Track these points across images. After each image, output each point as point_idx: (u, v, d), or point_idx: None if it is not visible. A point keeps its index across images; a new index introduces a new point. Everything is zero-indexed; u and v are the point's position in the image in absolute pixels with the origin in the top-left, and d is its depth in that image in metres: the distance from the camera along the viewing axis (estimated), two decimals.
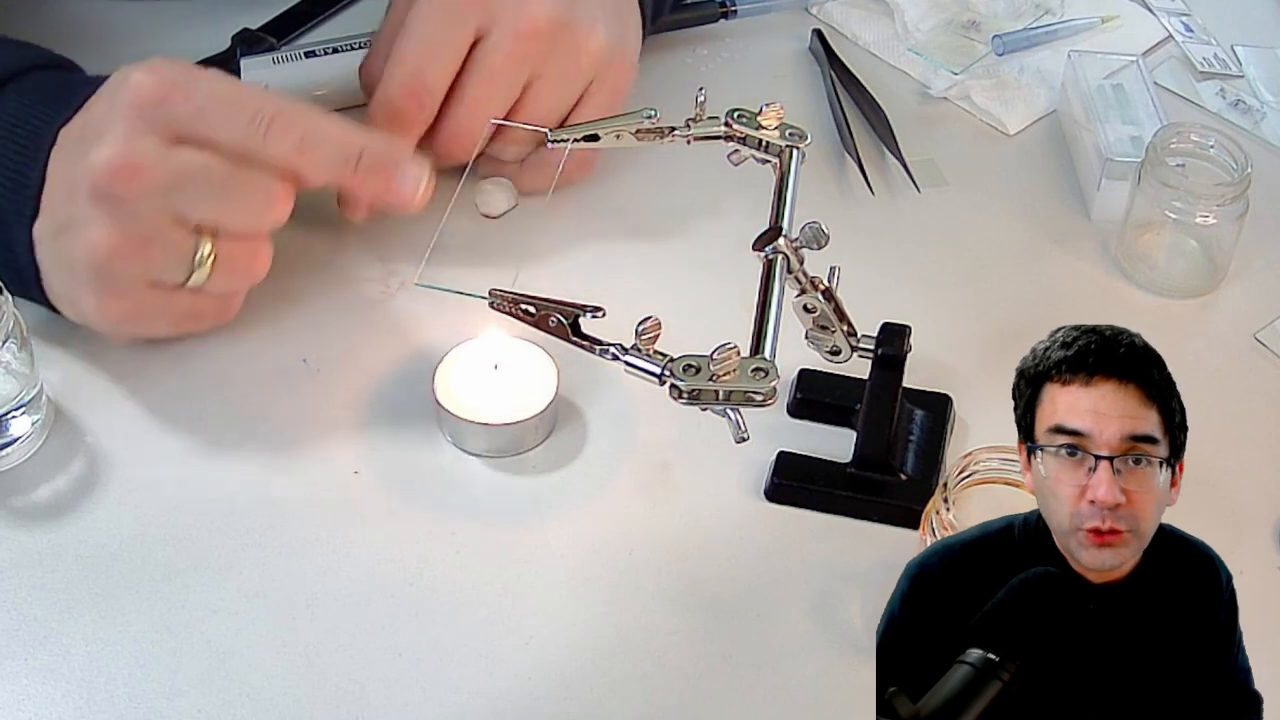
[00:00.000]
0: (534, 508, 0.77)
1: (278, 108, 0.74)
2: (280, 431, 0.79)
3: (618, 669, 0.70)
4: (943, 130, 0.99)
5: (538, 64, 0.83)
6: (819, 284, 0.72)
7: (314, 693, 0.69)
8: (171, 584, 0.73)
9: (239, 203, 0.74)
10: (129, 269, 0.74)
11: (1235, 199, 0.85)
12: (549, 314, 0.70)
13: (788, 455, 0.78)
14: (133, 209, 0.72)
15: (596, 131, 0.81)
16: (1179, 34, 1.06)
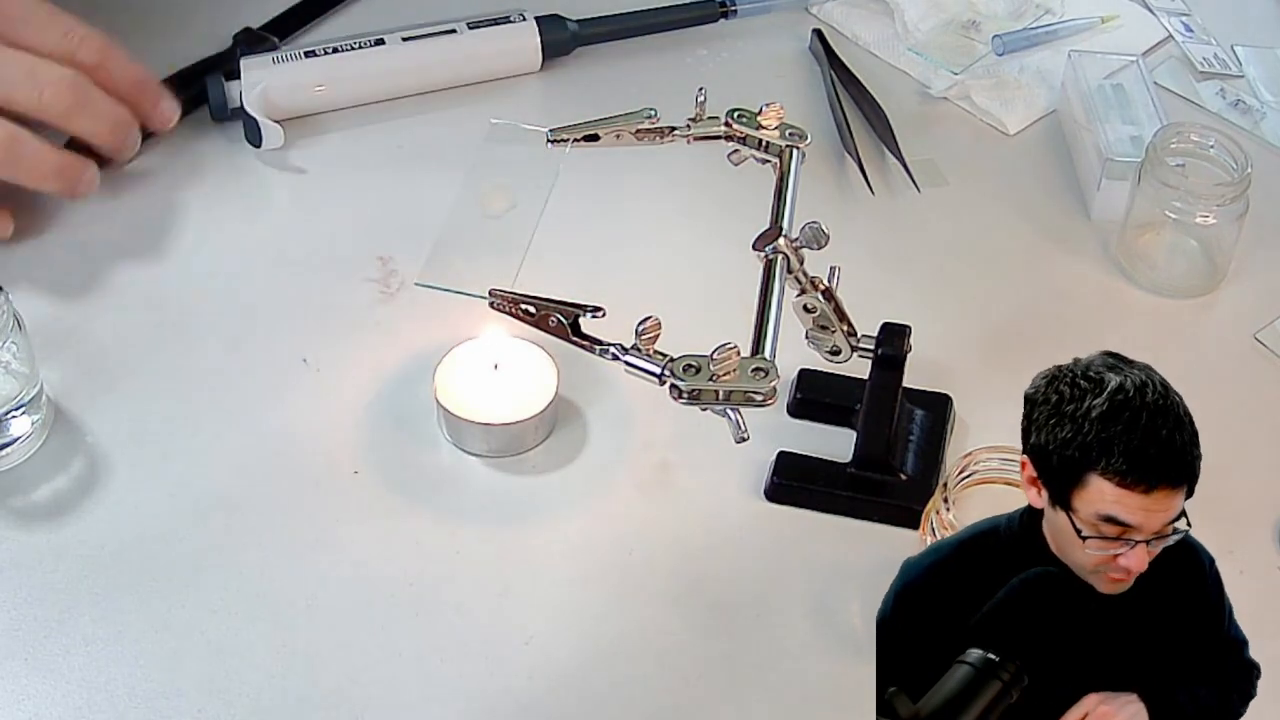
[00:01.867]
0: (534, 508, 0.77)
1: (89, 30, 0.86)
2: (280, 431, 0.79)
3: (618, 669, 0.70)
4: (943, 130, 0.99)
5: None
6: (819, 284, 0.72)
7: (314, 693, 0.69)
8: (171, 584, 0.73)
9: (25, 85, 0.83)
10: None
11: (1235, 199, 0.85)
12: (549, 314, 0.70)
13: (788, 455, 0.78)
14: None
15: (596, 131, 0.81)
16: (1179, 34, 1.06)
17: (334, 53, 0.96)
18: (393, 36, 0.97)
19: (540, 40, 1.00)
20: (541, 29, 1.00)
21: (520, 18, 1.00)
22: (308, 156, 0.94)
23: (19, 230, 0.88)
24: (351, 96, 0.97)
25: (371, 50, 0.96)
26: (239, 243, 0.89)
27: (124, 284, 0.86)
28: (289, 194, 0.93)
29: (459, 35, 0.98)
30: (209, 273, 0.88)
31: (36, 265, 0.87)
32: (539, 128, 0.84)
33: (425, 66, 0.98)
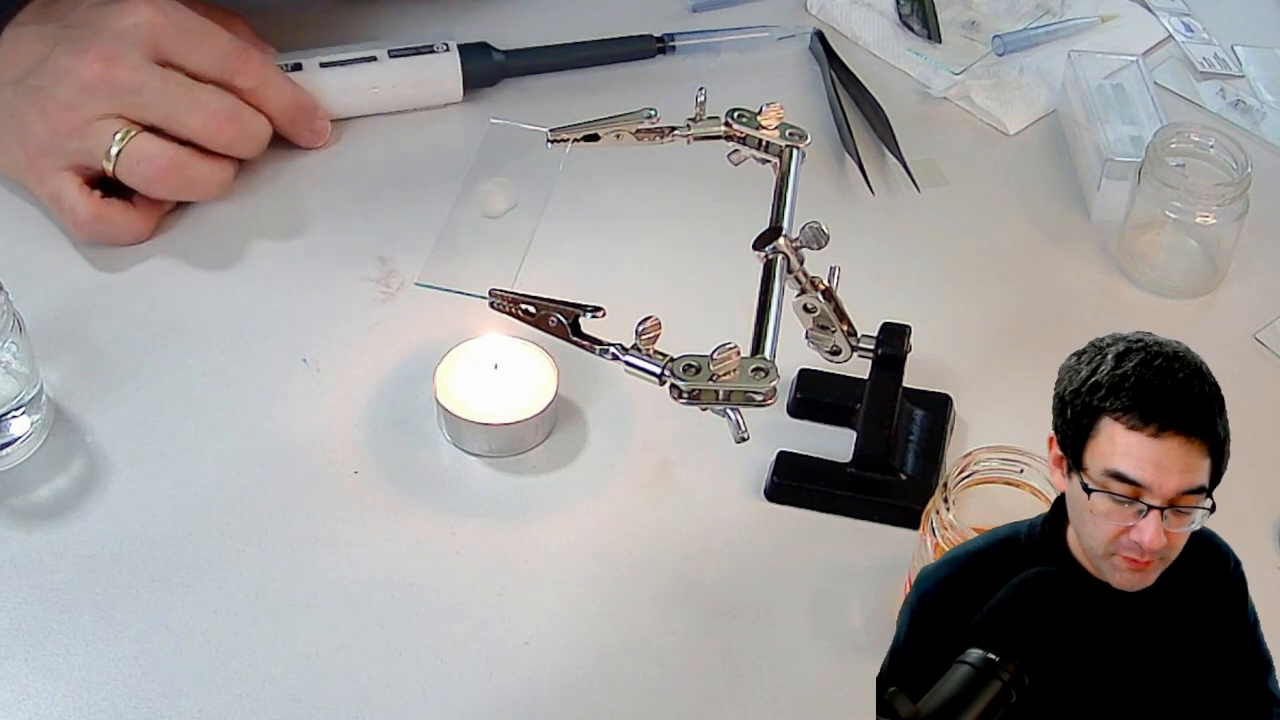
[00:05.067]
0: (534, 508, 0.77)
1: (249, 52, 0.88)
2: (280, 431, 0.79)
3: (618, 669, 0.70)
4: (943, 130, 0.99)
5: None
6: (819, 284, 0.72)
7: (314, 693, 0.69)
8: (171, 584, 0.73)
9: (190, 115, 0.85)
10: (64, 143, 0.84)
11: (1235, 199, 0.85)
12: (549, 314, 0.70)
13: (788, 455, 0.78)
14: (92, 96, 0.83)
15: (596, 131, 0.81)
16: (1179, 34, 1.06)
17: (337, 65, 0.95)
18: (311, 61, 0.95)
19: (462, 70, 0.97)
20: (464, 58, 0.97)
21: (444, 47, 0.97)
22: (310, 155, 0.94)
23: (19, 230, 0.88)
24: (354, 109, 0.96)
25: (289, 75, 0.93)
26: (238, 243, 0.89)
27: (124, 284, 0.86)
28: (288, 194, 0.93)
29: (379, 63, 0.96)
30: (209, 272, 0.88)
31: (37, 265, 0.87)
32: (539, 128, 0.84)
33: (340, 93, 0.95)
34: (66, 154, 0.85)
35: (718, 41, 1.03)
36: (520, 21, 1.03)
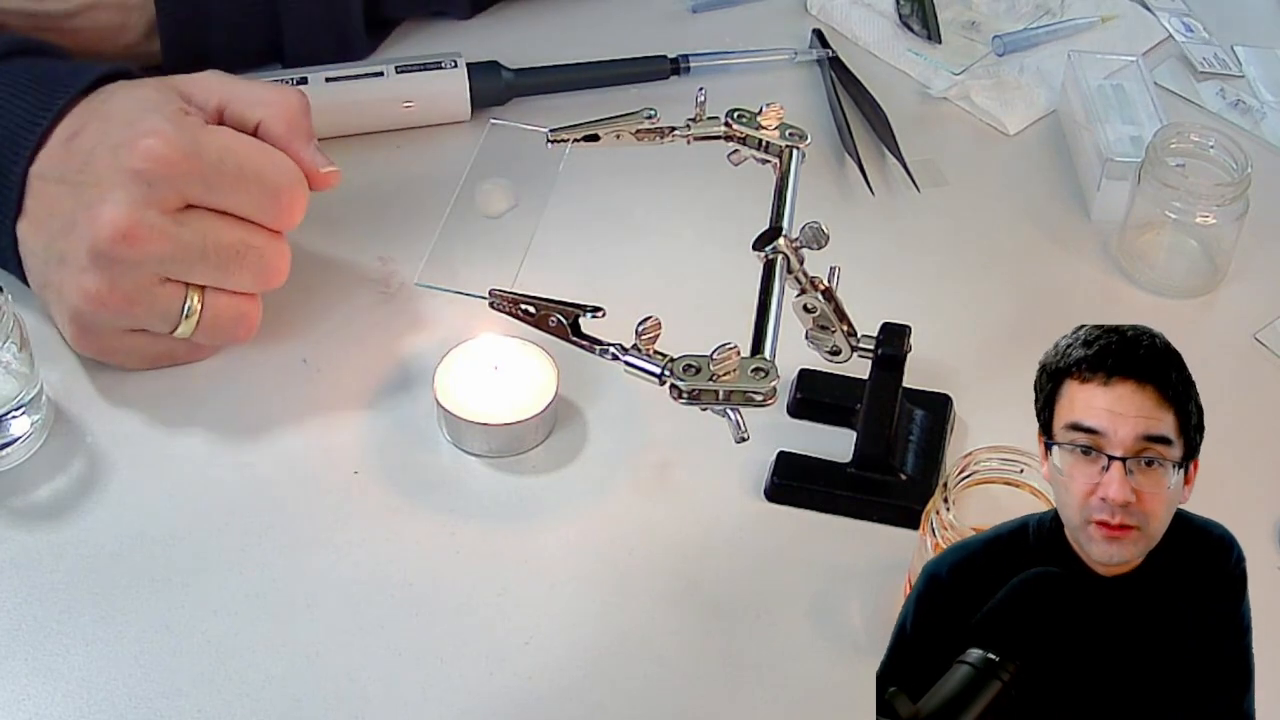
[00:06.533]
0: (534, 508, 0.77)
1: (286, 177, 0.77)
2: (280, 431, 0.79)
3: (618, 669, 0.70)
4: (943, 130, 0.99)
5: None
6: (819, 284, 0.72)
7: (314, 693, 0.69)
8: (171, 584, 0.73)
9: (238, 272, 0.77)
10: (112, 319, 0.77)
11: (1235, 199, 0.85)
12: (549, 314, 0.70)
13: (788, 455, 0.78)
14: (128, 270, 0.74)
15: (596, 131, 0.81)
16: (1179, 34, 1.06)
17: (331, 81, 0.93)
18: (317, 76, 0.93)
19: (470, 88, 0.95)
20: (473, 77, 0.95)
21: (452, 64, 0.95)
22: None
23: None
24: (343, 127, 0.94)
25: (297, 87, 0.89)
26: None
27: None
28: None
29: (385, 79, 0.94)
30: None
31: None
32: (539, 128, 0.84)
33: (346, 109, 0.93)
34: (122, 324, 0.78)
35: (732, 64, 1.01)
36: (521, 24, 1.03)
